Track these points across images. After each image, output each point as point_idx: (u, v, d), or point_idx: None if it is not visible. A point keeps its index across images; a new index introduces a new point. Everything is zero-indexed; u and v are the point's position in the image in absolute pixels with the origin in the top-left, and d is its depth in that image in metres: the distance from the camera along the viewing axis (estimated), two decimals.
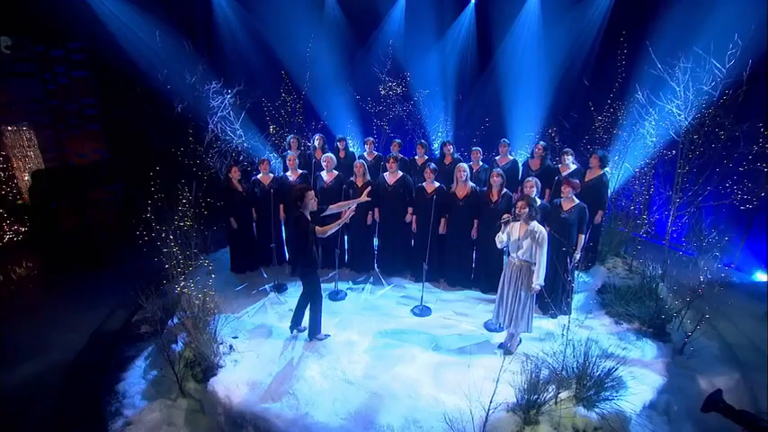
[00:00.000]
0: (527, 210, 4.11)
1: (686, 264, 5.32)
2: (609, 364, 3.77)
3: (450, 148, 6.50)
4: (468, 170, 5.44)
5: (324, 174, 6.02)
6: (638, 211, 5.95)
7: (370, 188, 4.85)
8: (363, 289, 5.77)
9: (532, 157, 6.21)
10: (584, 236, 4.91)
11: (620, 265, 5.94)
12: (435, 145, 7.81)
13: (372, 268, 6.18)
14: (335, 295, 5.52)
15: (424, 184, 5.61)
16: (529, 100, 7.42)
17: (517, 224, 4.25)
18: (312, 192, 4.22)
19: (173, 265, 4.68)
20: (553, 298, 4.85)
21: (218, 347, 4.37)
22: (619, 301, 4.82)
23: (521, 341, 4.60)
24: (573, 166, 5.80)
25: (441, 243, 5.65)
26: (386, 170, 5.80)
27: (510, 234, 4.27)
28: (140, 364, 4.76)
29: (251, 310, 5.31)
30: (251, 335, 4.83)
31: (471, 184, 5.49)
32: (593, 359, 3.80)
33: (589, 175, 5.60)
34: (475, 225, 5.46)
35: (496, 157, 6.47)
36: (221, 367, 4.26)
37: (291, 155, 6.23)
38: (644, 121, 5.35)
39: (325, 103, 8.17)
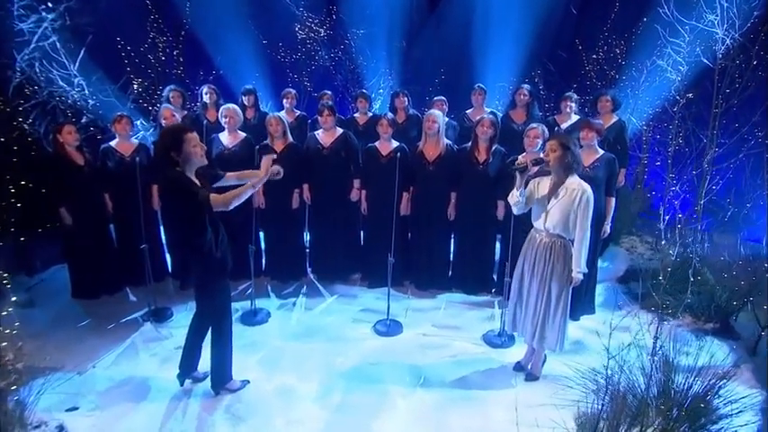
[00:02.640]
0: (561, 155, 3.09)
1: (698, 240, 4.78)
2: (695, 382, 2.89)
3: (405, 101, 5.53)
4: (441, 119, 4.49)
5: (224, 135, 4.63)
6: (661, 171, 5.33)
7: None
8: (295, 305, 4.62)
9: (514, 106, 5.44)
10: (614, 199, 4.09)
11: (639, 244, 5.43)
12: (376, 106, 6.80)
13: (304, 274, 5.08)
14: (252, 317, 4.28)
15: (377, 143, 4.63)
16: (499, 41, 6.77)
17: (546, 180, 3.25)
18: (194, 134, 2.90)
19: None
20: (574, 292, 3.93)
21: None
22: (660, 291, 4.09)
23: (545, 359, 3.61)
24: (575, 117, 5.08)
25: (403, 229, 4.69)
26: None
27: (532, 193, 3.24)
28: None
29: (108, 357, 3.76)
30: (107, 399, 3.28)
31: (446, 140, 4.57)
32: (671, 375, 2.94)
33: None
34: (452, 199, 4.57)
35: (467, 111, 5.64)
36: None
37: (167, 108, 4.73)
38: (665, 48, 4.69)
39: (218, 50, 6.89)
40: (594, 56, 6.05)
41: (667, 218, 5.03)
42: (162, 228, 4.82)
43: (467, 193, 4.50)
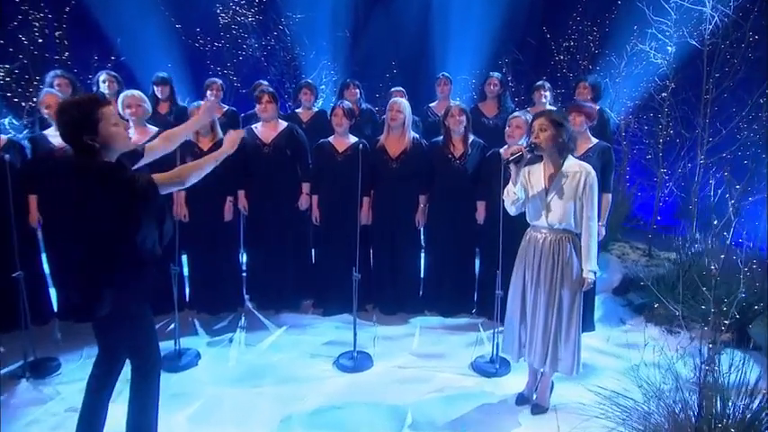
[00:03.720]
0: (554, 133, 2.93)
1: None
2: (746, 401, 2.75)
3: (356, 92, 5.39)
4: (407, 109, 4.33)
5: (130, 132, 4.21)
6: (649, 167, 5.39)
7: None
8: (231, 341, 4.21)
9: (484, 98, 5.40)
10: (609, 195, 4.02)
11: (631, 251, 5.48)
12: (318, 104, 6.57)
13: (241, 303, 4.71)
14: (177, 361, 3.80)
15: (330, 138, 4.42)
16: (460, 28, 6.80)
17: (537, 168, 3.08)
18: (111, 108, 2.46)
19: None
20: None
21: None
22: (669, 300, 4.07)
23: (553, 386, 3.40)
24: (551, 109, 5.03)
25: (364, 241, 4.40)
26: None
27: (528, 183, 3.09)
28: None
29: None
30: None
31: (413, 133, 4.43)
32: (722, 395, 2.74)
33: None
34: (421, 203, 4.41)
35: (431, 104, 5.58)
36: None
37: (51, 94, 4.20)
38: (649, 29, 4.80)
39: (117, 32, 6.50)
40: (566, 44, 6.18)
41: (657, 219, 5.10)
42: (47, 251, 4.25)
43: (442, 194, 4.35)
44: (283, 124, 4.44)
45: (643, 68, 5.40)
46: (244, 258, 4.82)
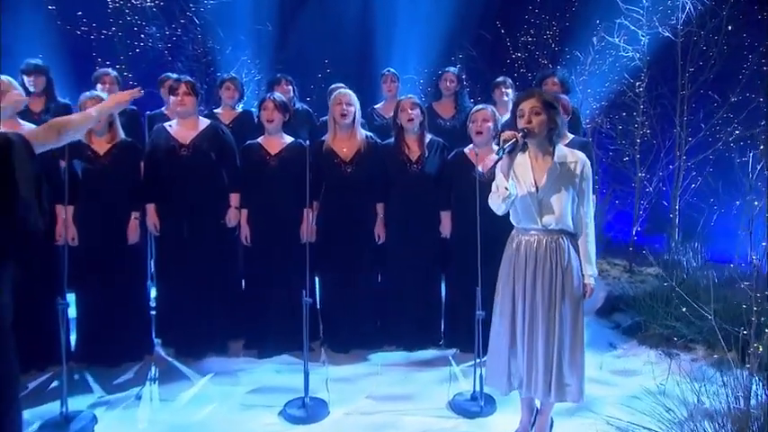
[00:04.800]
0: (548, 117, 2.88)
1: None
2: None
3: (290, 90, 5.28)
4: (357, 103, 4.30)
5: None
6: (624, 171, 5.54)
7: None
8: (140, 398, 3.86)
9: (438, 97, 5.42)
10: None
11: (610, 268, 5.61)
12: (239, 107, 6.41)
13: (149, 350, 4.35)
14: (64, 429, 3.42)
15: (260, 139, 4.29)
16: (405, 21, 6.83)
17: (525, 158, 3.01)
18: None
19: None
20: None
21: None
22: (664, 319, 4.35)
23: (552, 422, 3.28)
24: None
25: (304, 261, 4.13)
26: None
27: (518, 177, 2.99)
28: None
29: None
30: None
31: (364, 132, 4.42)
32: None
33: None
34: (380, 213, 4.34)
35: (377, 106, 5.55)
36: None
37: None
38: (617, 19, 4.97)
39: None
40: (523, 38, 6.35)
41: (637, 230, 5.20)
42: None
43: (398, 205, 4.28)
44: (205, 122, 4.22)
45: (611, 64, 5.63)
46: (153, 292, 4.58)
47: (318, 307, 4.42)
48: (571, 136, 4.06)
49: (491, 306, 3.14)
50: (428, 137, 4.33)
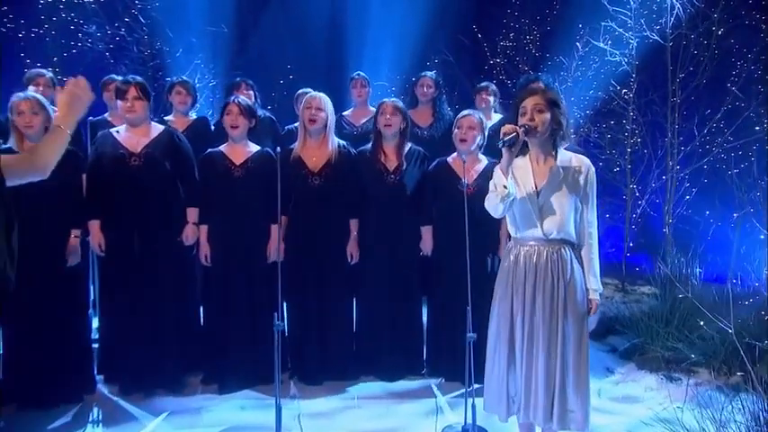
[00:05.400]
0: (554, 116, 2.88)
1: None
2: None
3: (251, 95, 5.18)
4: (330, 107, 4.24)
5: None
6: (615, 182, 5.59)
7: None
8: None
9: (415, 104, 5.40)
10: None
11: (602, 287, 5.53)
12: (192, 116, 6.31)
13: (91, 389, 4.16)
14: None
15: (222, 148, 4.21)
16: (376, 24, 6.88)
17: (525, 160, 3.01)
18: None
19: None
20: None
21: None
22: (665, 340, 4.37)
23: None
24: (497, 117, 5.31)
25: (270, 283, 4.13)
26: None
27: (518, 181, 2.97)
28: None
29: None
30: None
31: (338, 140, 4.36)
32: None
33: None
34: (353, 230, 4.28)
35: (345, 113, 5.49)
36: None
37: None
38: (603, 22, 5.06)
39: None
40: (502, 43, 6.42)
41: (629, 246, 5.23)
42: None
43: (374, 220, 4.23)
44: (159, 128, 4.08)
45: (597, 69, 5.74)
46: (95, 322, 4.44)
47: (286, 335, 4.26)
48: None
49: (479, 329, 3.12)
50: (408, 145, 4.31)
